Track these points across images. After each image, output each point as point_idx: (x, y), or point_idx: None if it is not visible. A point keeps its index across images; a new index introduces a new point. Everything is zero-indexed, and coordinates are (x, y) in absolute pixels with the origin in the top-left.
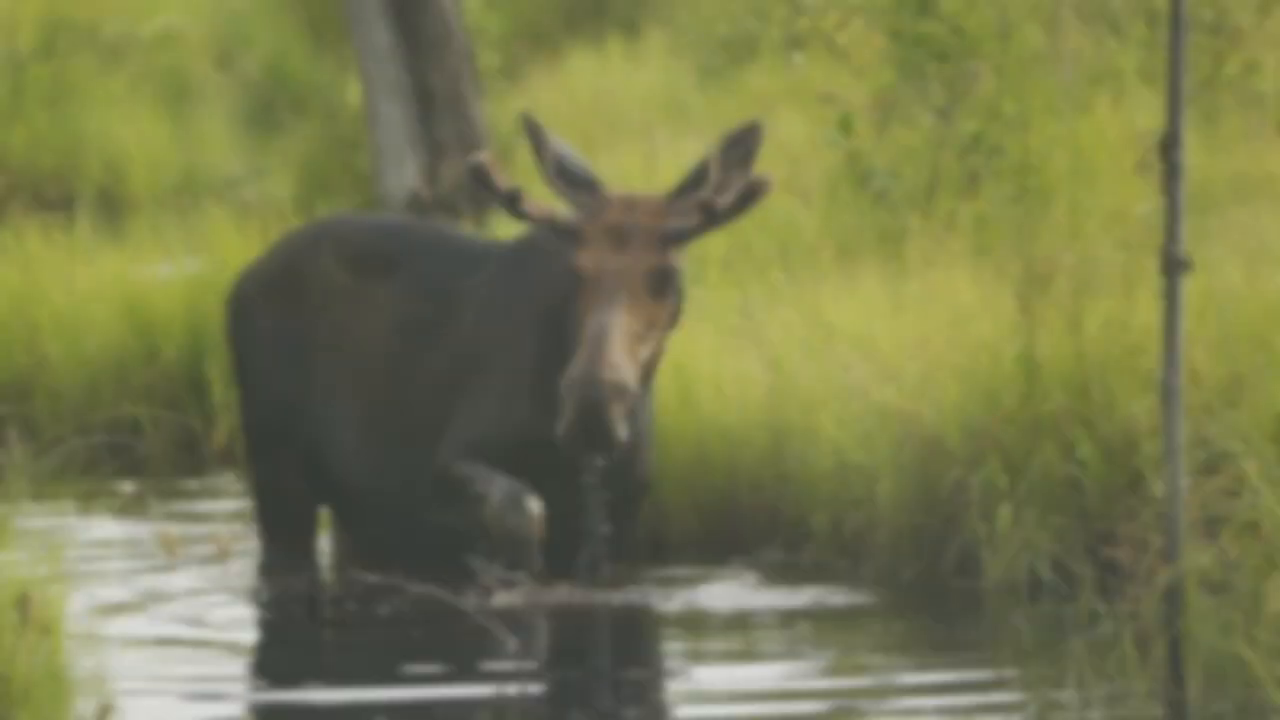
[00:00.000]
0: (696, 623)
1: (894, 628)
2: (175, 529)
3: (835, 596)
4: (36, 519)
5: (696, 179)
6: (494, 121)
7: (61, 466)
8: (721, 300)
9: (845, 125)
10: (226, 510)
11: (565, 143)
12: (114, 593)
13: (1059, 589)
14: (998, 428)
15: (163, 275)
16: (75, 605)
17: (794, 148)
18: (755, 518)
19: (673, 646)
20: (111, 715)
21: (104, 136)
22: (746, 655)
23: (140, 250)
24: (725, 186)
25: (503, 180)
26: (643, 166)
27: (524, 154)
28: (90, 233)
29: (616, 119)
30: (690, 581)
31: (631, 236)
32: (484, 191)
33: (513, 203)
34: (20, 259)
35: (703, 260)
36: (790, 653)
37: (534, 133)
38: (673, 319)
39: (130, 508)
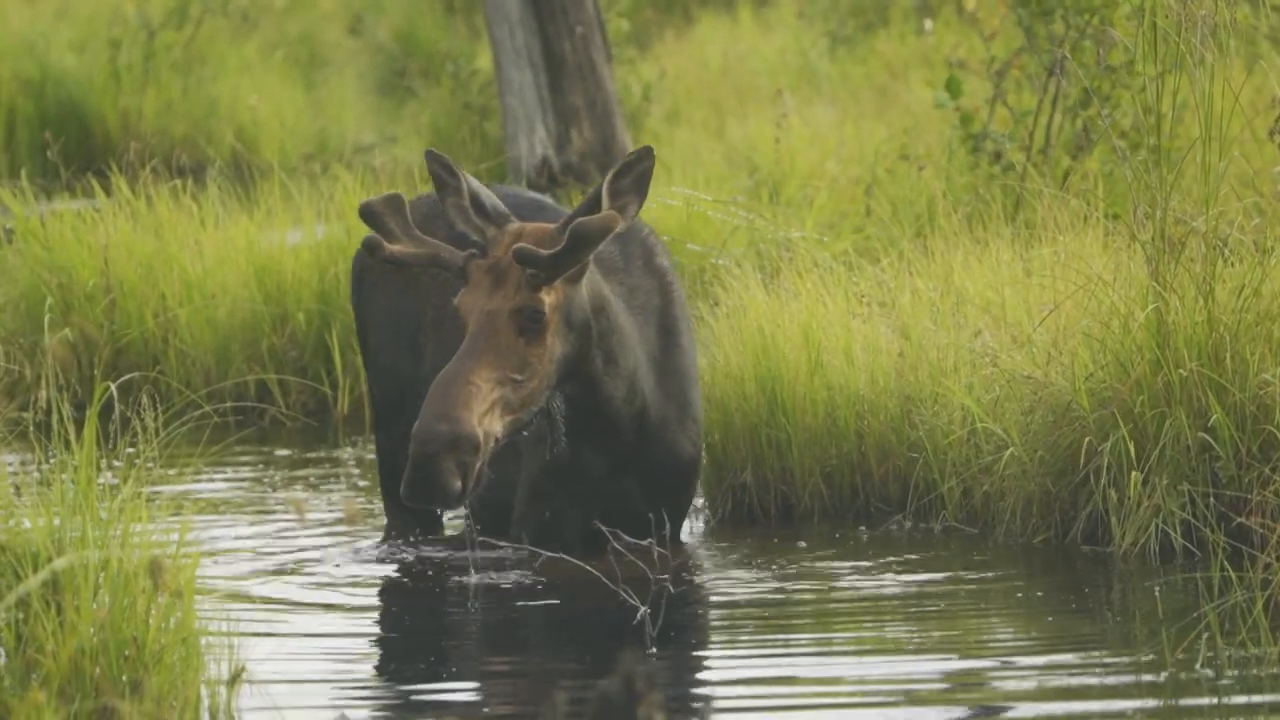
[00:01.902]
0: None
1: (1024, 593)
2: (304, 493)
3: (965, 563)
4: (167, 484)
5: (590, 207)
6: (624, 88)
7: (191, 432)
8: (859, 271)
9: (953, 87)
10: (354, 475)
11: (474, 179)
12: (243, 557)
13: (1190, 556)
14: (1128, 394)
15: (292, 241)
16: (206, 570)
17: (920, 114)
18: (884, 485)
19: (803, 627)
20: (243, 678)
21: (235, 103)
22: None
23: (270, 217)
24: (622, 215)
25: (394, 226)
26: (773, 133)
27: (654, 120)
28: (221, 199)
29: (746, 86)
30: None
31: (507, 276)
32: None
33: (372, 250)
34: (152, 225)
35: (833, 227)
36: (918, 613)
37: (445, 169)
38: (571, 348)
39: (259, 472)
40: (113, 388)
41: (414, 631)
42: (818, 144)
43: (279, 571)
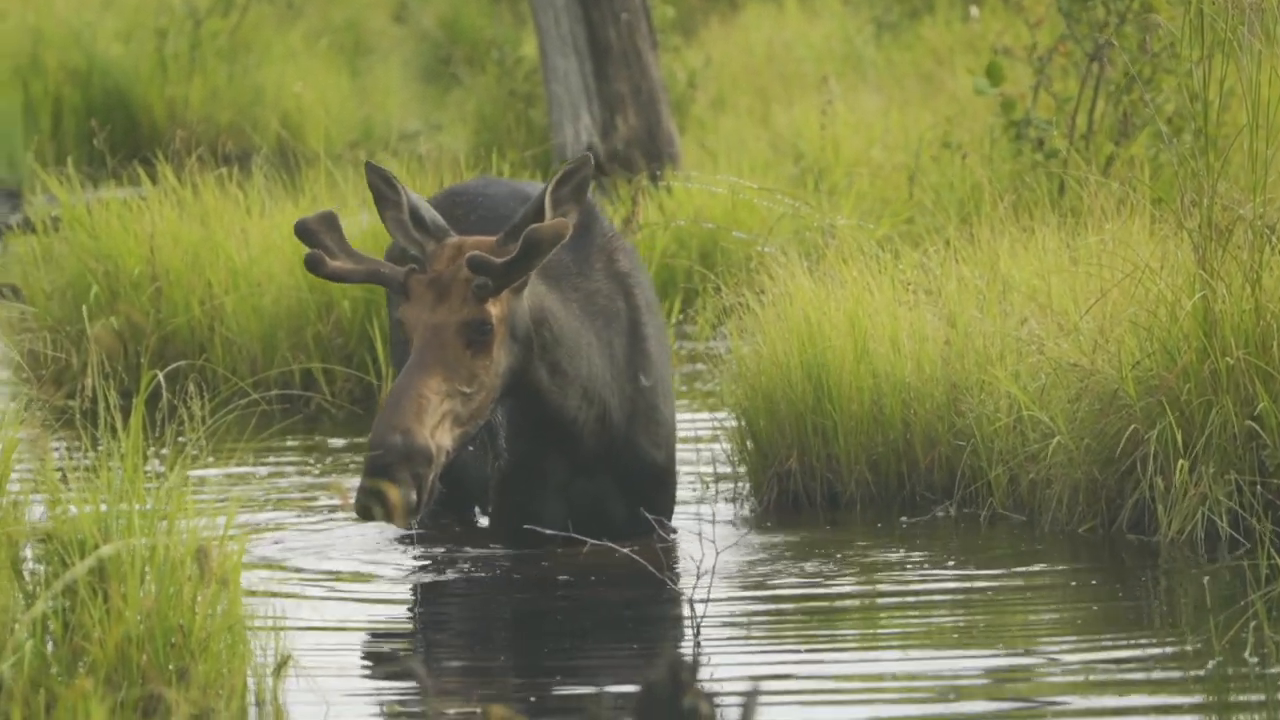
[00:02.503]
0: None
1: (1070, 582)
2: (349, 481)
3: (1011, 551)
4: (213, 472)
5: (531, 215)
6: (669, 75)
7: (237, 420)
8: (903, 258)
9: (994, 73)
10: None
11: (414, 192)
12: (290, 545)
13: (1237, 545)
14: (1175, 382)
15: None
16: (252, 557)
17: (966, 101)
18: (931, 473)
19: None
20: (289, 666)
21: (281, 91)
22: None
23: (316, 204)
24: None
25: (330, 243)
26: (818, 120)
27: (699, 107)
28: (266, 187)
29: (792, 73)
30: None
31: (450, 289)
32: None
33: (314, 267)
34: (197, 213)
35: (875, 214)
36: (965, 604)
37: (385, 182)
38: (517, 357)
39: (305, 460)
40: (160, 376)
41: (459, 620)
42: (863, 131)
43: (325, 559)
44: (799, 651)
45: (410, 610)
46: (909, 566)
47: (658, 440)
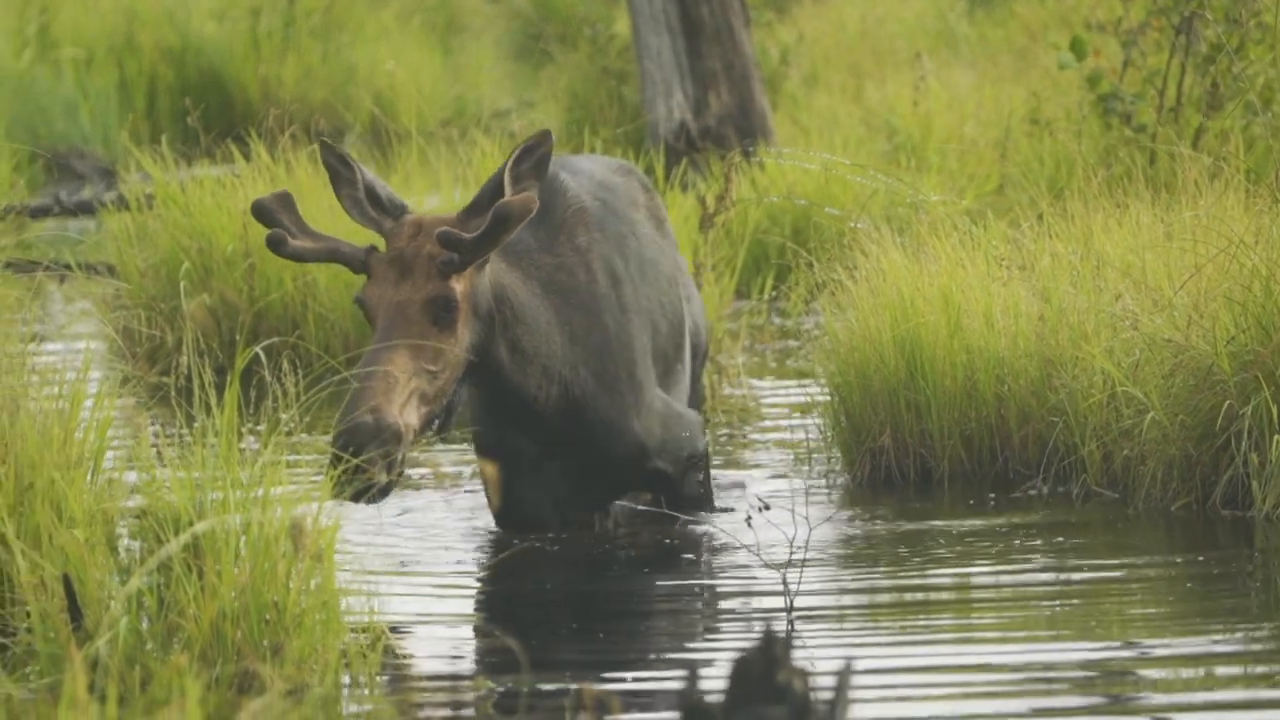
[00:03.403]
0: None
1: (1166, 565)
2: (444, 460)
3: (1105, 530)
4: (307, 449)
5: (492, 192)
6: (761, 52)
7: (331, 396)
8: (991, 231)
9: (1078, 48)
10: None
11: (369, 170)
12: (385, 523)
13: None
14: (1270, 357)
15: (431, 206)
16: (346, 535)
17: (1059, 77)
18: (1024, 449)
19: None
20: (382, 642)
21: (373, 69)
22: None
23: (409, 181)
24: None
25: (287, 222)
26: (911, 97)
27: (791, 84)
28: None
29: (884, 49)
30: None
31: (413, 266)
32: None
33: (273, 246)
34: (291, 189)
35: (961, 190)
36: (1059, 593)
37: (340, 161)
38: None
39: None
40: (259, 351)
41: (552, 595)
42: (956, 107)
43: (419, 537)
44: (891, 631)
45: (503, 586)
46: (1002, 549)
47: (625, 408)
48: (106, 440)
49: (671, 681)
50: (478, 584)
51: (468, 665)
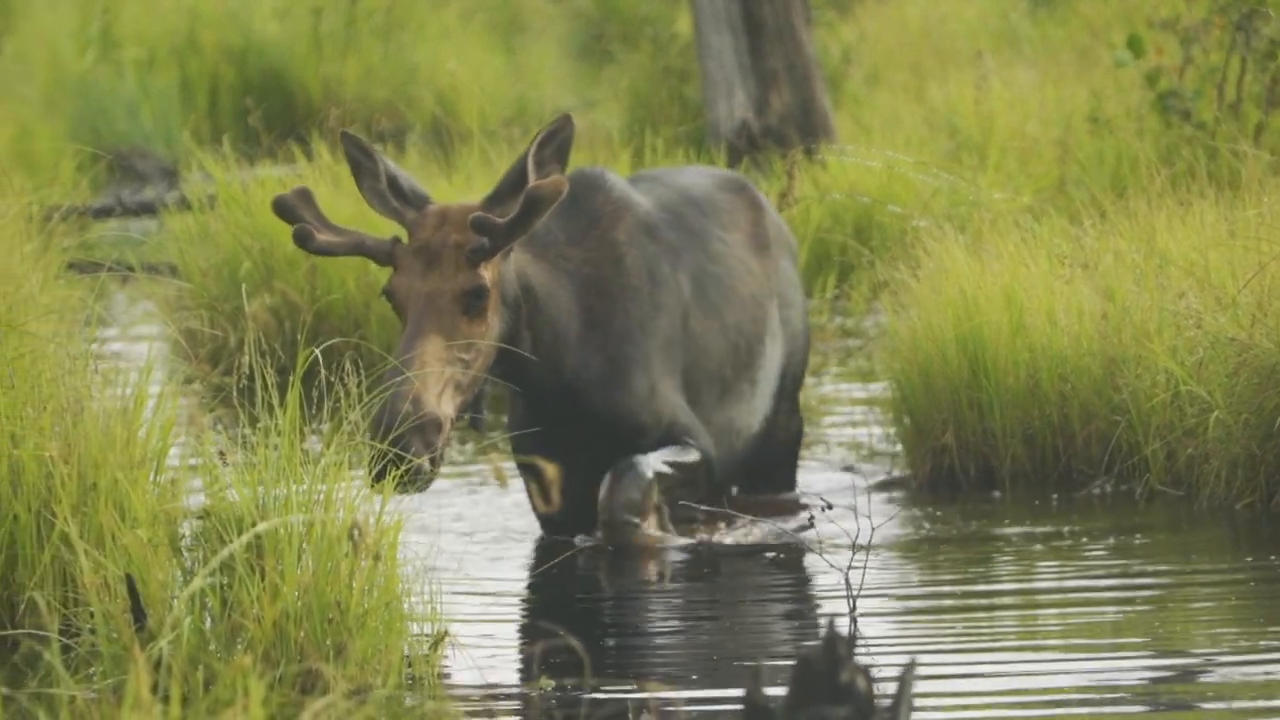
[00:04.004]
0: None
1: (1229, 555)
2: (506, 461)
3: (1169, 530)
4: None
5: (514, 178)
6: (823, 51)
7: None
8: (1051, 227)
9: (1135, 46)
10: None
11: (391, 161)
12: (446, 523)
13: None
14: None
15: None
16: (407, 535)
17: (1121, 75)
18: (1087, 448)
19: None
20: (445, 642)
21: (435, 68)
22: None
23: (471, 180)
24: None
25: (308, 217)
26: (973, 96)
27: (853, 83)
28: (421, 163)
29: (946, 48)
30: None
31: (441, 256)
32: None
33: (300, 241)
34: (352, 190)
35: (1020, 188)
36: (1124, 595)
37: (361, 151)
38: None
39: (459, 436)
40: (316, 352)
41: (612, 593)
42: (1018, 106)
43: (481, 537)
44: (954, 632)
45: (565, 584)
46: (1066, 550)
47: (633, 389)
48: (169, 441)
49: (734, 682)
50: (539, 585)
51: (530, 666)
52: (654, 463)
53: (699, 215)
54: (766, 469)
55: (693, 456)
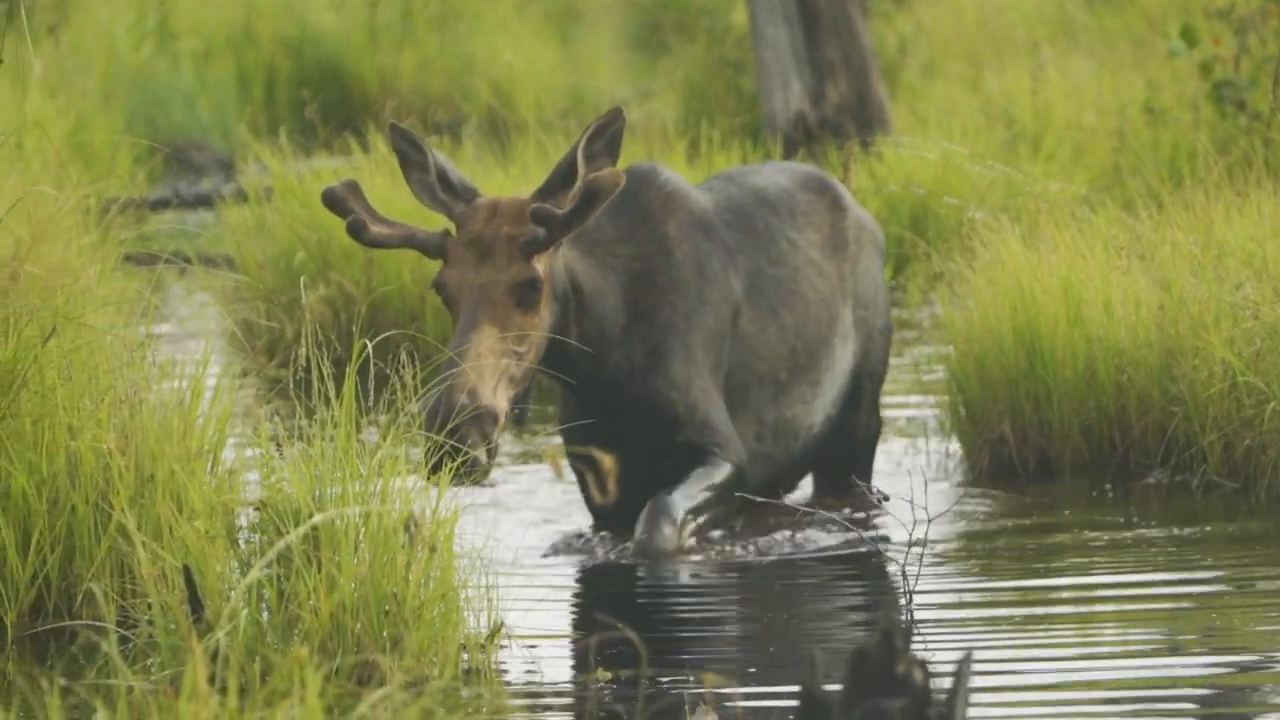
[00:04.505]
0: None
1: None
2: (561, 449)
3: (1226, 522)
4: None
5: (565, 172)
6: (879, 42)
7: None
8: (1106, 215)
9: (1189, 36)
10: None
11: (440, 154)
12: (502, 512)
13: None
14: None
15: None
16: (463, 526)
17: (1179, 65)
18: (1144, 439)
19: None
20: (501, 634)
21: (491, 59)
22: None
23: (526, 172)
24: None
25: (357, 209)
26: (1029, 86)
27: (910, 73)
28: (477, 155)
29: (1003, 38)
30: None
31: (493, 248)
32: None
33: (355, 232)
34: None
35: (1081, 177)
36: (1181, 590)
37: (410, 144)
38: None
39: (514, 429)
40: (376, 343)
41: (668, 585)
42: (1075, 96)
43: (537, 526)
44: (1010, 624)
45: (620, 577)
46: (1124, 542)
47: (673, 381)
48: (226, 432)
49: (790, 674)
50: (595, 577)
51: (586, 658)
52: (686, 495)
53: (769, 215)
54: (840, 468)
55: (723, 473)
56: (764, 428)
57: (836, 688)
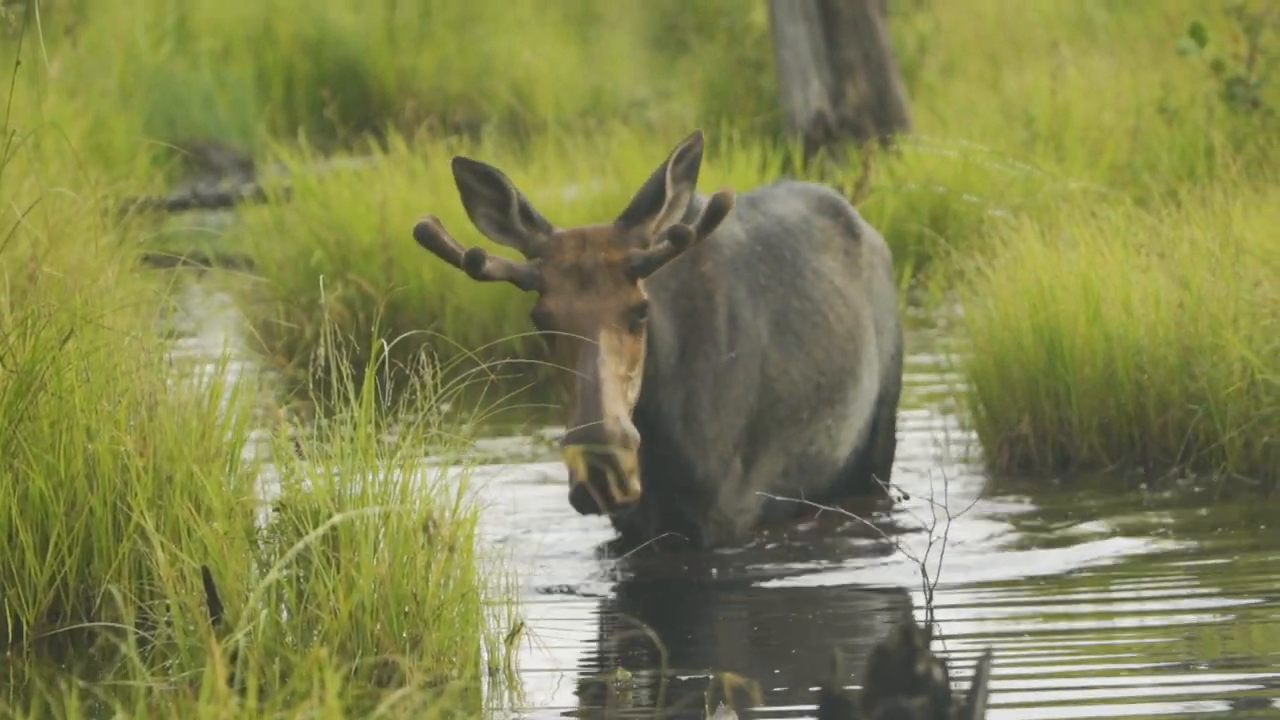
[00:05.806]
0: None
1: None
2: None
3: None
4: (444, 440)
5: (650, 197)
6: (899, 41)
7: (469, 389)
8: (1120, 208)
9: (1199, 34)
10: None
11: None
12: (521, 512)
13: None
14: None
15: (568, 197)
16: (484, 525)
17: (1197, 64)
18: (1164, 437)
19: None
20: (521, 634)
21: (511, 60)
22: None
23: (546, 172)
24: (677, 202)
25: (455, 243)
26: (1049, 86)
27: (929, 73)
28: (497, 155)
29: (1022, 38)
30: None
31: (594, 275)
32: (434, 255)
33: (474, 265)
34: (429, 182)
35: (1091, 173)
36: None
37: (482, 179)
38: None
39: (535, 428)
40: (395, 343)
41: (689, 586)
42: (1094, 96)
43: (556, 526)
44: (1032, 620)
45: (641, 576)
46: (1144, 540)
47: (696, 436)
48: (245, 433)
49: (810, 672)
50: (615, 575)
51: (607, 656)
52: None
53: (794, 243)
54: (859, 484)
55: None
56: (790, 461)
57: (856, 686)
